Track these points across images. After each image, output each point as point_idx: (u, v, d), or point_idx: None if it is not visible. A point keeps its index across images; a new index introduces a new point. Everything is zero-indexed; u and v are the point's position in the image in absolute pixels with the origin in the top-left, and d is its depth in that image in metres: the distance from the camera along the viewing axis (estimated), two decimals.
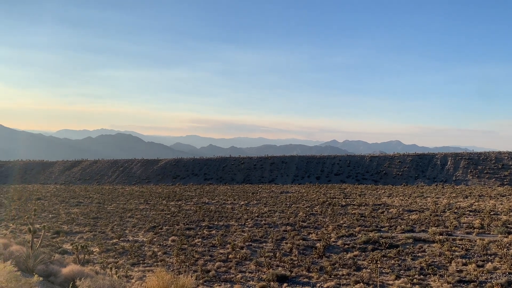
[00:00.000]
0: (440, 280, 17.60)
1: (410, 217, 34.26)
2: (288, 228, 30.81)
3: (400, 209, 39.29)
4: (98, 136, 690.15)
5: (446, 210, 37.63)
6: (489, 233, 26.97)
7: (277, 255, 22.62)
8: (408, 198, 49.43)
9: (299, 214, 37.73)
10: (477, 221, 30.24)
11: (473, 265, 19.24)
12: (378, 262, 20.58)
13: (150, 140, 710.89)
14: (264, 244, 26.17)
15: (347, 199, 49.66)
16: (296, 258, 22.16)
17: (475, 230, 27.60)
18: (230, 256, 23.04)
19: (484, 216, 32.59)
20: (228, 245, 25.51)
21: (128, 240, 28.81)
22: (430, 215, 34.71)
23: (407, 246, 24.05)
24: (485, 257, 20.95)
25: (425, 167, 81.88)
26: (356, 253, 23.04)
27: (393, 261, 21.14)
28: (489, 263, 19.68)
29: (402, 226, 29.73)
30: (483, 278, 17.82)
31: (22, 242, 17.98)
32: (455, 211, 36.71)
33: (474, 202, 43.06)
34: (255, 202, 49.17)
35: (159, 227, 33.14)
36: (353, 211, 38.97)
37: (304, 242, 25.99)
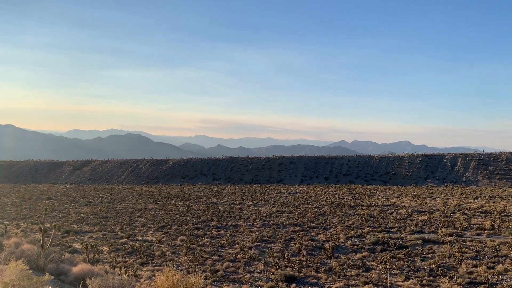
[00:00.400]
0: (450, 282, 17.46)
1: (420, 218, 34.03)
2: (297, 229, 30.77)
3: (410, 210, 39.03)
4: (108, 136, 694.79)
5: (456, 211, 37.31)
6: (500, 235, 26.68)
7: (286, 256, 22.60)
8: (418, 199, 49.08)
9: (308, 215, 37.66)
10: (488, 222, 29.94)
11: (484, 267, 19.06)
12: (387, 263, 20.47)
13: (159, 140, 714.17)
14: (273, 245, 26.17)
15: (356, 200, 49.46)
16: (305, 259, 22.13)
17: (486, 232, 27.32)
18: (239, 256, 23.08)
19: (495, 217, 32.26)
20: (237, 245, 25.54)
21: (137, 240, 28.99)
22: (440, 216, 34.44)
23: (417, 247, 23.89)
24: (496, 259, 20.73)
25: (435, 168, 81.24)
26: (365, 254, 22.94)
27: (402, 262, 21.02)
28: (500, 265, 19.48)
29: (412, 227, 29.54)
30: (494, 280, 17.66)
31: (33, 241, 18.19)
32: (465, 212, 36.38)
33: (485, 203, 42.63)
34: (264, 203, 49.18)
35: (168, 227, 33.29)
36: (362, 212, 38.80)
37: (313, 243, 25.94)
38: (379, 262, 20.87)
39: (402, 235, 27.28)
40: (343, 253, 23.42)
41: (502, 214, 34.21)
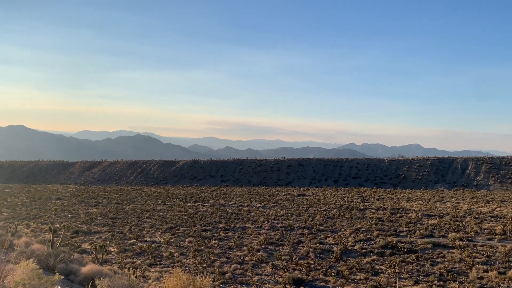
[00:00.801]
0: (460, 287, 17.25)
1: (430, 222, 33.71)
2: (305, 232, 30.65)
3: (419, 214, 38.69)
4: (117, 137, 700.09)
5: (467, 216, 36.90)
6: None
7: (294, 258, 22.51)
8: (428, 203, 48.66)
9: (316, 218, 37.51)
10: (499, 227, 29.54)
11: (495, 272, 18.79)
12: (396, 267, 20.29)
13: (168, 142, 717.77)
14: (281, 247, 26.08)
15: (365, 203, 49.17)
16: (313, 262, 22.02)
17: (497, 236, 26.97)
18: (247, 259, 23.03)
19: (507, 222, 31.82)
20: (245, 247, 25.51)
21: (146, 241, 29.08)
22: (450, 220, 34.09)
23: (426, 252, 23.65)
24: (507, 264, 20.43)
25: (445, 171, 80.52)
26: (374, 258, 22.76)
27: (412, 267, 20.81)
28: (511, 271, 19.20)
29: (421, 231, 29.25)
30: (505, 286, 17.40)
31: (43, 241, 18.35)
32: (476, 217, 35.96)
33: (496, 208, 42.11)
34: (272, 205, 49.10)
35: (176, 228, 33.37)
36: (371, 215, 38.55)
37: (321, 246, 25.81)
38: (388, 266, 20.68)
39: (412, 239, 27.03)
40: (352, 257, 23.26)
41: None
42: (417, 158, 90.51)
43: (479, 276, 18.66)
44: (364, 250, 24.51)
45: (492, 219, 34.62)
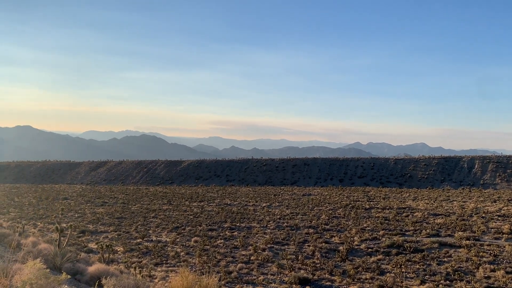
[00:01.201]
0: (467, 286, 17.16)
1: (436, 221, 33.56)
2: (311, 231, 30.62)
3: (425, 213, 38.52)
4: (123, 137, 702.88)
5: (473, 215, 36.69)
6: None
7: (299, 258, 22.50)
8: (434, 202, 48.42)
9: (322, 217, 37.46)
10: (506, 226, 29.34)
11: (502, 272, 18.68)
12: (403, 267, 20.23)
13: (174, 142, 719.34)
14: (286, 247, 26.07)
15: (371, 202, 49.03)
16: (319, 261, 22.00)
17: (504, 236, 26.80)
18: (252, 258, 23.05)
19: None
20: (250, 247, 25.53)
21: (152, 240, 29.18)
22: (457, 220, 33.91)
23: (433, 251, 23.55)
24: None
25: (451, 170, 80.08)
26: (380, 257, 22.70)
27: (418, 266, 20.73)
28: None
29: (427, 230, 29.13)
30: None
31: (50, 241, 18.47)
32: (483, 216, 35.74)
33: (503, 207, 41.82)
34: (277, 204, 49.09)
35: (182, 228, 33.45)
36: (377, 215, 38.43)
37: (327, 245, 25.77)
38: (394, 266, 20.63)
39: (418, 238, 26.92)
40: (358, 256, 23.22)
41: None
42: (423, 157, 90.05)
43: (486, 276, 18.56)
44: (370, 250, 24.46)
45: (499, 218, 34.40)
